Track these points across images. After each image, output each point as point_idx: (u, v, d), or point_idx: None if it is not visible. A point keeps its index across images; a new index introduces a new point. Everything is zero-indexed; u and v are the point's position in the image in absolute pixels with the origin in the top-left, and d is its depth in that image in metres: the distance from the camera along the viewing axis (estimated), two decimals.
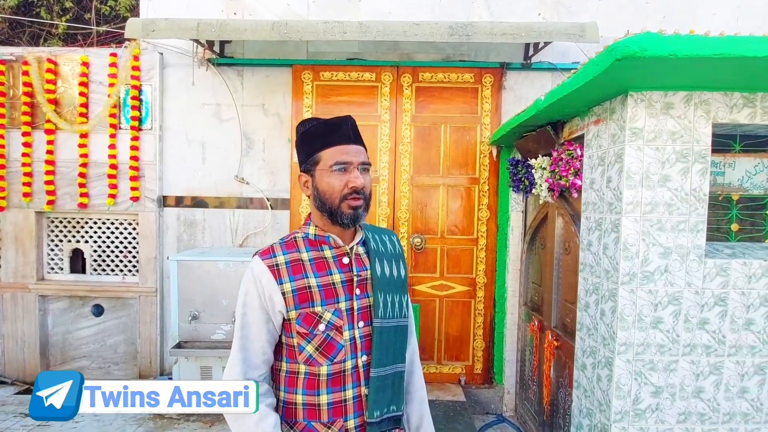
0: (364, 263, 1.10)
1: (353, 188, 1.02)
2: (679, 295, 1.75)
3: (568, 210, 2.36)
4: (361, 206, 1.04)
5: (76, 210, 3.44)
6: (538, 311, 2.82)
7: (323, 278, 1.05)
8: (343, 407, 1.04)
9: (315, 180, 1.06)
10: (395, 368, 1.09)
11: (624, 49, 1.37)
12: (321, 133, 1.06)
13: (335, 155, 1.03)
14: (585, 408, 2.01)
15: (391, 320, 1.08)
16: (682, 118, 1.72)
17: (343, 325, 1.04)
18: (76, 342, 3.55)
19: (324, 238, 1.09)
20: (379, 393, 1.04)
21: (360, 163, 1.05)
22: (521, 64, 3.33)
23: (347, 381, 1.04)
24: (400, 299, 1.13)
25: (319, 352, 1.03)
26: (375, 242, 1.13)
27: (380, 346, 1.05)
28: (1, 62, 3.37)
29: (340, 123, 1.07)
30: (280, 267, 1.04)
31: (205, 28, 2.68)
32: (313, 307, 1.02)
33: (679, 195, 1.73)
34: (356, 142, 1.07)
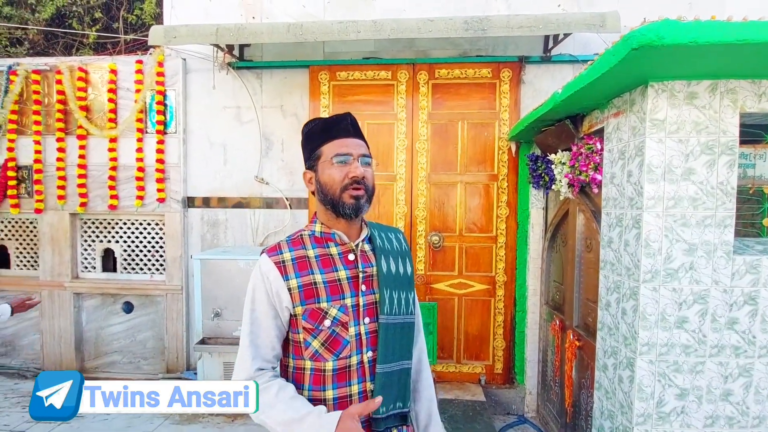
0: (369, 260, 1.11)
1: (353, 178, 1.03)
2: (706, 293, 1.67)
3: (589, 206, 2.29)
4: (363, 197, 1.05)
5: (106, 211, 3.60)
6: (560, 310, 2.76)
7: (329, 274, 1.06)
8: (349, 402, 1.04)
9: (318, 174, 1.07)
10: (401, 365, 1.09)
11: (640, 37, 1.32)
12: (321, 129, 1.09)
13: (335, 148, 1.06)
14: (606, 410, 1.95)
15: (397, 317, 1.09)
16: (707, 108, 1.64)
17: (349, 320, 1.05)
18: (108, 337, 3.71)
19: (329, 235, 1.10)
20: (385, 389, 1.05)
21: (360, 155, 1.06)
22: (541, 57, 3.25)
23: (353, 376, 1.05)
24: (407, 296, 1.13)
25: (324, 348, 1.04)
26: (381, 239, 1.14)
27: (386, 343, 1.06)
28: (37, 72, 3.56)
29: (339, 119, 1.10)
30: (287, 264, 1.05)
31: (224, 32, 2.74)
32: (318, 303, 1.03)
33: (705, 189, 1.65)
34: (356, 136, 1.09)
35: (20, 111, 3.61)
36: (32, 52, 4.20)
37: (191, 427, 2.84)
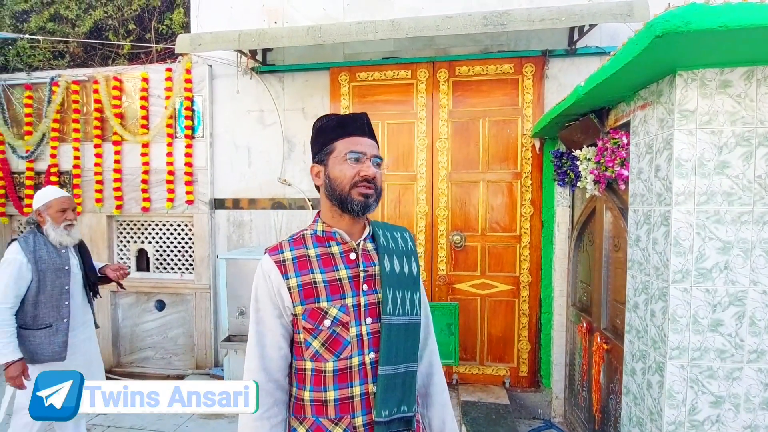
0: (372, 259, 1.09)
1: (365, 176, 1.03)
2: (743, 295, 1.56)
3: (616, 203, 2.20)
4: (372, 196, 1.04)
5: (140, 213, 3.77)
6: (587, 312, 2.66)
7: (329, 274, 1.05)
8: (351, 404, 1.02)
9: (327, 168, 1.06)
10: (406, 367, 1.06)
11: (664, 24, 1.25)
12: (336, 125, 1.09)
13: (350, 145, 1.05)
14: (635, 416, 1.86)
15: (401, 317, 1.06)
16: (743, 96, 1.53)
17: (350, 321, 1.03)
18: (142, 334, 3.89)
19: (331, 234, 1.09)
20: (388, 392, 1.02)
21: (373, 155, 1.06)
22: (565, 51, 3.15)
23: (354, 378, 1.03)
24: (411, 297, 1.10)
25: (324, 348, 1.02)
26: (385, 239, 1.12)
27: (389, 344, 1.03)
28: (76, 83, 3.78)
29: (355, 117, 1.09)
30: (287, 263, 1.05)
31: (246, 38, 2.81)
32: (318, 302, 1.02)
33: (741, 183, 1.55)
34: (370, 136, 1.09)
35: (62, 120, 3.84)
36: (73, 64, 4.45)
37: (217, 422, 2.93)
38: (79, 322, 2.24)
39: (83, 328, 2.28)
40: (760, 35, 1.28)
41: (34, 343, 2.08)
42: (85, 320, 2.29)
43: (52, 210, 2.15)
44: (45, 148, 3.87)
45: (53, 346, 2.10)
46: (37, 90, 3.89)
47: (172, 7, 4.37)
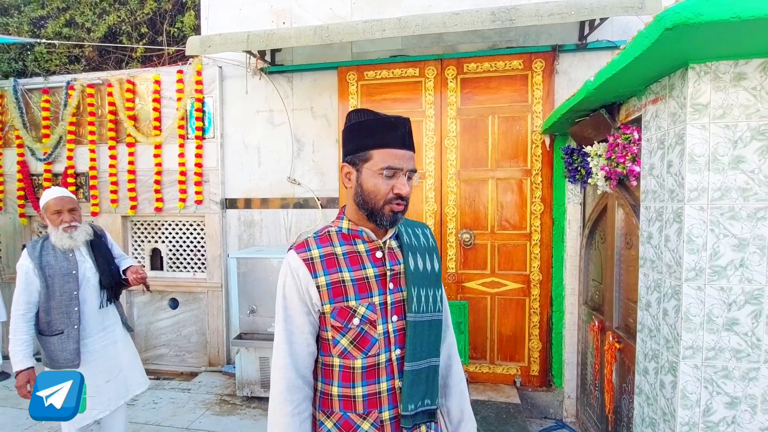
0: (397, 257, 1.10)
1: (398, 194, 1.01)
2: (760, 293, 1.52)
3: (628, 200, 2.16)
4: (402, 211, 1.04)
5: (153, 214, 3.84)
6: (599, 311, 2.62)
7: (357, 272, 1.05)
8: (378, 399, 1.04)
9: (361, 176, 1.03)
10: (429, 362, 1.08)
11: (674, 16, 1.22)
12: (376, 130, 1.02)
13: (387, 159, 1.00)
14: (648, 417, 1.83)
15: (425, 314, 1.07)
16: (758, 89, 1.49)
17: (377, 319, 1.04)
18: (156, 332, 3.96)
19: (357, 233, 1.08)
20: (413, 387, 1.04)
21: (408, 170, 1.03)
22: (576, 45, 3.10)
23: (381, 374, 1.05)
24: (434, 293, 1.11)
25: (353, 346, 1.04)
26: (408, 236, 1.13)
27: (414, 341, 1.05)
28: (91, 86, 3.86)
29: (397, 124, 1.02)
30: (315, 261, 1.05)
31: (254, 39, 2.84)
32: (347, 301, 1.03)
33: (757, 178, 1.50)
34: (409, 148, 1.04)
35: (77, 122, 3.93)
36: (88, 68, 4.56)
37: (230, 419, 2.96)
38: (95, 329, 2.14)
39: (103, 334, 2.17)
40: None
41: (50, 350, 2.04)
42: (104, 326, 2.18)
43: (48, 212, 2.06)
44: (62, 150, 3.97)
45: (65, 353, 2.03)
46: (54, 94, 3.99)
47: (183, 10, 4.44)
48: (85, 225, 2.18)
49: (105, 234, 2.33)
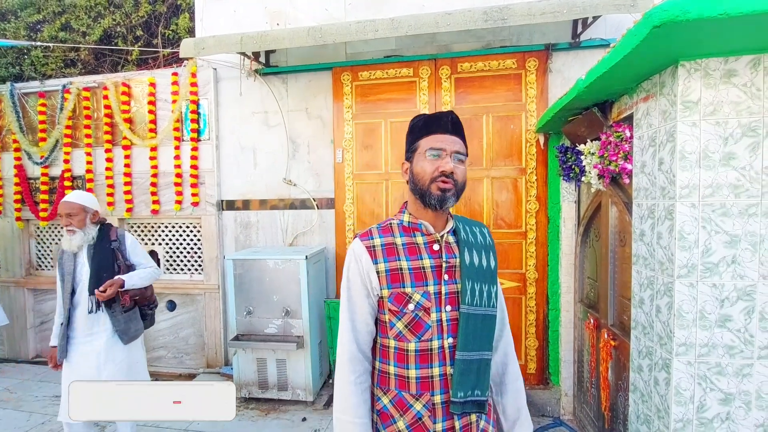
0: (453, 251, 1.16)
1: (443, 172, 1.08)
2: (752, 289, 1.52)
3: (621, 197, 2.16)
4: (450, 190, 1.09)
5: (150, 216, 3.84)
6: (595, 308, 2.62)
7: (414, 262, 1.13)
8: (430, 383, 1.11)
9: (413, 165, 1.15)
10: (481, 355, 1.13)
11: (662, 14, 1.22)
12: (423, 124, 1.15)
13: (431, 142, 1.11)
14: (643, 414, 1.83)
15: (478, 308, 1.13)
16: (749, 86, 1.49)
17: (431, 306, 1.11)
18: (155, 334, 3.96)
19: (416, 225, 1.16)
20: (464, 375, 1.10)
21: (453, 151, 1.11)
22: (569, 44, 3.10)
23: (434, 359, 1.11)
24: (489, 289, 1.16)
25: (408, 330, 1.12)
26: (465, 233, 1.19)
27: (466, 331, 1.10)
28: (87, 89, 3.86)
29: (441, 115, 1.15)
30: (376, 249, 1.14)
31: (248, 40, 2.84)
32: (403, 287, 1.11)
33: (748, 175, 1.50)
34: (454, 133, 1.13)
35: (74, 126, 3.93)
36: (84, 71, 4.55)
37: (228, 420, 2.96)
38: (81, 333, 2.19)
39: (88, 339, 2.20)
40: (765, 22, 1.25)
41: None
42: (91, 332, 2.21)
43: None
44: (59, 153, 3.97)
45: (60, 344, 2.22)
46: (50, 97, 4.00)
47: (177, 13, 4.43)
48: (88, 229, 2.25)
49: (123, 240, 2.34)
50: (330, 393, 3.34)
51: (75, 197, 2.26)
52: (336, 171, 3.49)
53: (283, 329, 3.09)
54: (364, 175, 3.44)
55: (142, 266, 2.37)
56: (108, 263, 2.26)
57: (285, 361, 3.12)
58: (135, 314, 2.36)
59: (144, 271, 2.33)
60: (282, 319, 3.08)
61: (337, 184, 3.49)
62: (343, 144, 3.47)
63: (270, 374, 3.16)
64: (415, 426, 1.11)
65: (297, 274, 3.04)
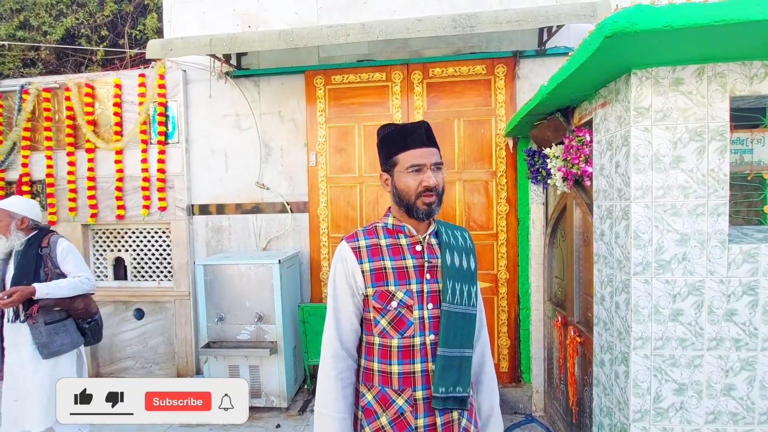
0: (435, 252, 1.21)
1: (426, 187, 1.14)
2: (701, 284, 1.62)
3: (584, 199, 2.25)
4: (434, 202, 1.16)
5: (115, 221, 3.71)
6: (562, 306, 2.71)
7: (397, 262, 1.18)
8: (412, 378, 1.16)
9: (394, 179, 1.19)
10: (462, 352, 1.17)
11: (612, 25, 1.30)
12: (397, 137, 1.19)
13: (410, 158, 1.15)
14: (605, 406, 1.90)
15: (459, 306, 1.17)
16: (694, 93, 1.59)
17: (413, 304, 1.16)
18: (121, 344, 3.82)
19: (400, 228, 1.22)
20: (445, 371, 1.14)
21: (432, 164, 1.16)
22: (536, 51, 3.21)
23: (416, 355, 1.16)
24: (469, 289, 1.21)
25: (391, 326, 1.16)
26: (447, 235, 1.24)
27: (447, 328, 1.15)
28: (48, 90, 3.71)
29: (414, 128, 1.19)
30: (362, 249, 1.20)
31: (217, 43, 2.81)
32: (387, 285, 1.16)
33: (695, 177, 1.60)
34: (429, 145, 1.18)
35: (33, 128, 3.76)
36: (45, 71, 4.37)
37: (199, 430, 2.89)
38: (8, 342, 2.16)
39: (12, 350, 2.16)
40: (706, 34, 1.33)
41: None
42: (14, 342, 2.15)
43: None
44: (16, 157, 3.79)
45: None
46: (6, 98, 3.82)
47: (145, 13, 4.33)
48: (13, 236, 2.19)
49: (55, 247, 2.24)
50: (305, 398, 3.31)
51: (2, 203, 2.21)
52: (309, 174, 3.48)
53: (256, 335, 3.05)
54: (337, 179, 3.45)
55: (71, 275, 2.25)
56: (29, 270, 2.17)
57: (258, 367, 3.08)
58: (64, 327, 2.23)
59: (66, 281, 2.19)
60: (255, 325, 3.04)
61: (311, 187, 3.48)
62: (316, 147, 3.46)
63: None
64: (398, 421, 1.15)
65: (270, 278, 3.01)
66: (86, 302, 2.30)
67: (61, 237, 2.32)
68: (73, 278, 2.23)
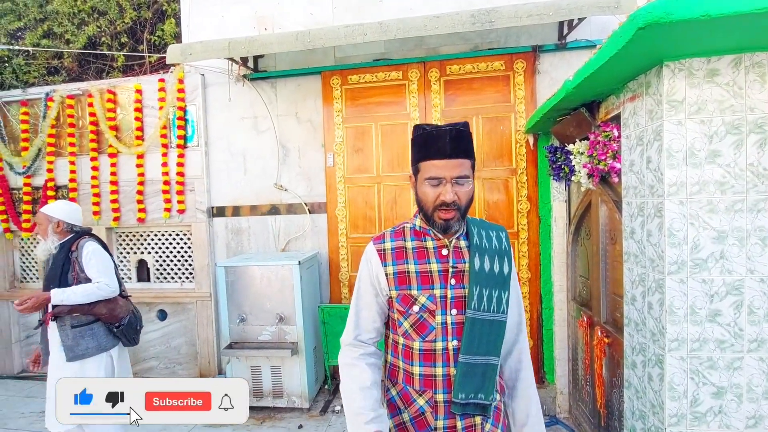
0: (462, 256, 1.18)
1: (443, 201, 1.10)
2: (740, 284, 1.55)
3: (611, 196, 2.19)
4: (453, 217, 1.11)
5: (137, 225, 3.78)
6: (587, 306, 2.64)
7: (422, 266, 1.17)
8: (433, 381, 1.15)
9: (416, 185, 1.18)
10: (487, 359, 1.14)
11: (646, 15, 1.25)
12: (423, 143, 1.14)
13: (430, 170, 1.11)
14: (637, 410, 1.85)
15: (485, 313, 1.14)
16: (731, 84, 1.52)
17: (436, 309, 1.15)
18: (145, 344, 3.89)
19: (426, 231, 1.20)
20: (466, 377, 1.12)
21: (454, 177, 1.09)
22: (556, 45, 3.14)
23: (437, 359, 1.15)
24: (499, 295, 1.16)
25: (413, 329, 1.17)
26: (479, 237, 1.20)
27: (470, 336, 1.12)
28: (71, 97, 3.80)
29: (439, 136, 1.11)
30: (387, 252, 1.20)
31: (235, 46, 2.82)
32: (410, 290, 1.16)
33: (733, 171, 1.54)
34: (453, 156, 1.09)
35: (57, 134, 3.86)
36: (68, 79, 4.47)
37: (222, 430, 2.92)
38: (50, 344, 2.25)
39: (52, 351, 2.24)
40: (745, 22, 1.28)
41: None
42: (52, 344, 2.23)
43: None
44: (41, 163, 3.89)
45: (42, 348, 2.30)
46: (32, 106, 3.92)
47: (163, 19, 4.39)
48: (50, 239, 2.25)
49: (81, 252, 2.23)
50: (326, 399, 3.32)
51: (45, 207, 2.31)
52: (327, 175, 3.48)
53: (277, 336, 3.06)
54: (355, 179, 3.44)
55: (94, 280, 2.22)
56: (56, 274, 2.18)
57: (280, 368, 3.09)
58: (91, 331, 2.21)
59: (82, 287, 2.16)
60: (276, 326, 3.06)
61: (329, 188, 3.48)
62: (333, 148, 3.46)
63: (265, 382, 3.12)
64: (418, 420, 1.16)
65: (290, 279, 3.02)
66: (110, 307, 2.24)
67: (90, 241, 2.28)
68: (91, 284, 2.21)
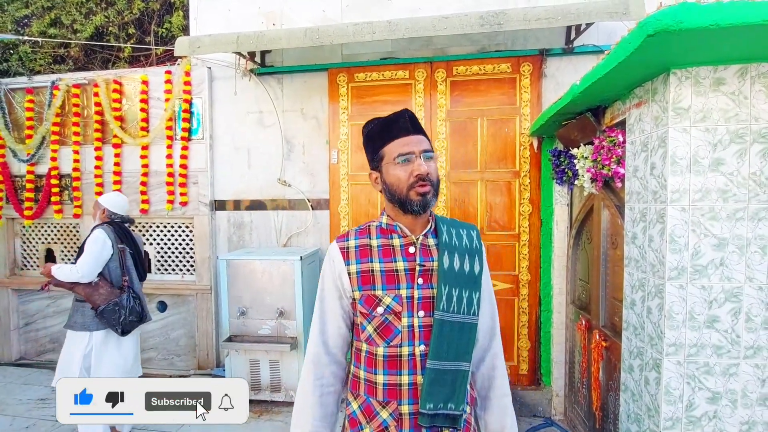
0: (431, 254, 1.11)
1: (418, 176, 1.04)
2: (739, 291, 1.57)
3: (613, 201, 2.21)
4: (429, 192, 1.06)
5: (139, 215, 3.79)
6: (586, 310, 2.66)
7: (387, 264, 1.10)
8: (398, 391, 1.06)
9: (383, 175, 1.11)
10: (457, 365, 1.05)
11: (655, 23, 1.26)
12: (381, 130, 1.11)
13: (397, 148, 1.07)
14: (633, 413, 1.87)
15: (455, 315, 1.06)
16: (737, 94, 1.54)
17: (402, 311, 1.07)
18: (145, 335, 3.90)
19: (393, 227, 1.14)
20: (434, 386, 1.03)
21: (421, 151, 1.07)
22: (563, 49, 3.16)
23: (403, 366, 1.07)
24: (470, 295, 1.09)
25: (377, 333, 1.08)
26: (448, 235, 1.13)
27: (439, 339, 1.04)
28: (77, 86, 3.80)
29: (397, 117, 1.11)
30: (350, 250, 1.13)
31: (244, 40, 2.83)
32: (374, 290, 1.08)
33: (735, 180, 1.55)
34: (416, 132, 1.09)
35: (62, 123, 3.86)
36: (74, 68, 4.48)
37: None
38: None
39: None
40: (752, 33, 1.29)
41: None
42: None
43: None
44: (45, 151, 3.90)
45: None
46: (38, 94, 3.92)
47: (171, 11, 4.40)
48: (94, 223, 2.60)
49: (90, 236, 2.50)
50: None
51: (100, 197, 2.70)
52: (331, 172, 3.49)
53: (277, 330, 3.08)
54: (359, 176, 3.45)
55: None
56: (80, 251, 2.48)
57: (278, 362, 3.11)
58: (82, 308, 2.44)
59: (66, 267, 2.42)
60: (276, 320, 3.07)
61: (332, 184, 3.49)
62: (338, 145, 3.47)
63: (263, 376, 3.14)
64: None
65: (291, 275, 3.03)
66: (88, 291, 2.41)
67: (99, 228, 2.52)
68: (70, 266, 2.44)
